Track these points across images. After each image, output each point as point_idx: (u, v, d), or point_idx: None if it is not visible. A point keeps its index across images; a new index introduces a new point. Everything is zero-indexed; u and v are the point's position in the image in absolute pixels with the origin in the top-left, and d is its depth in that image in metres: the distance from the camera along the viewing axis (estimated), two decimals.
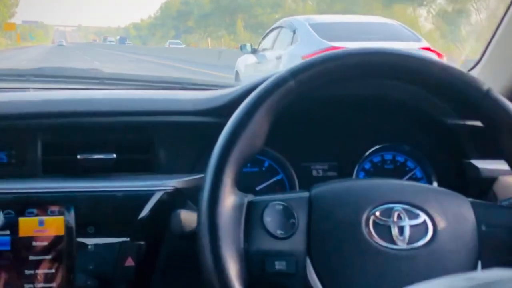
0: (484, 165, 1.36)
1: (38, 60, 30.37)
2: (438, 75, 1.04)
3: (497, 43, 1.58)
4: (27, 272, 1.18)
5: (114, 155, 1.27)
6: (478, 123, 1.11)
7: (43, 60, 31.05)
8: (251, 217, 1.00)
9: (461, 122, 1.39)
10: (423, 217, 1.01)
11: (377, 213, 1.00)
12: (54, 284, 1.18)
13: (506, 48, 1.55)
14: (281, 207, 1.01)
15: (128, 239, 1.23)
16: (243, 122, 0.99)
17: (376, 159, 1.49)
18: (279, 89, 1.01)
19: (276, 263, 0.98)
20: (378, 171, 1.49)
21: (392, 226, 0.99)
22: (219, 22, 76.21)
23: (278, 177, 1.44)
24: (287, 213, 1.01)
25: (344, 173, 1.46)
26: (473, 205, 1.05)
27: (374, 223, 0.99)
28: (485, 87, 1.04)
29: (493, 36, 1.59)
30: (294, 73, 1.02)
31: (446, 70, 1.04)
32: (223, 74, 15.25)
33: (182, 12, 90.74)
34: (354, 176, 1.46)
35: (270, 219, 1.00)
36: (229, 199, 0.98)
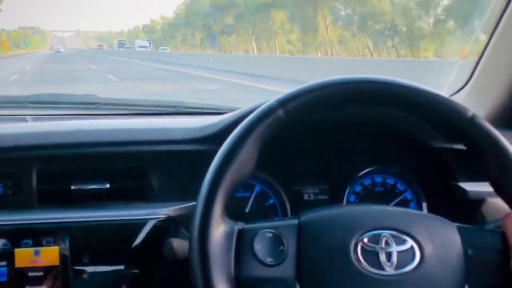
0: (472, 187, 1.38)
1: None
2: (424, 102, 1.06)
3: (484, 65, 1.60)
4: None
5: (108, 185, 1.30)
6: (463, 146, 1.13)
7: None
8: (241, 244, 1.02)
9: (448, 145, 1.41)
10: (410, 242, 1.02)
11: (365, 240, 1.01)
12: None
13: (493, 70, 1.57)
14: (270, 234, 1.03)
15: (122, 267, 1.25)
16: (232, 151, 1.02)
17: (367, 182, 1.51)
18: (268, 119, 1.03)
19: None
20: (369, 193, 1.51)
21: (380, 252, 1.01)
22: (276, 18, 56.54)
23: (270, 201, 1.46)
24: (277, 241, 1.02)
25: (335, 196, 1.48)
26: (459, 229, 1.06)
27: (362, 249, 1.01)
28: (470, 113, 1.05)
29: (480, 58, 1.62)
30: (282, 102, 1.04)
31: (431, 97, 1.06)
32: None
33: (220, 5, 67.94)
34: (345, 199, 1.48)
35: (260, 247, 1.02)
36: (219, 228, 1.00)
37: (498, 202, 1.23)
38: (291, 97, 1.05)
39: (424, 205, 1.48)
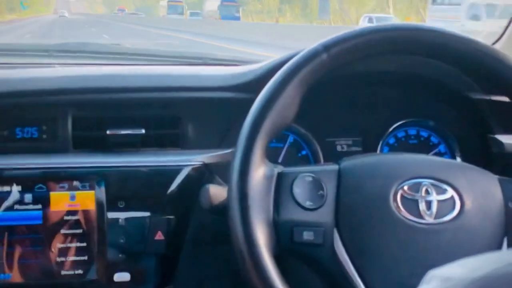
0: (509, 140, 1.37)
1: None
2: (468, 51, 1.04)
3: None
4: (59, 245, 1.20)
5: (143, 131, 1.29)
6: (503, 98, 1.11)
7: None
8: (280, 187, 1.02)
9: (486, 97, 1.39)
10: (450, 192, 1.02)
11: (405, 188, 1.01)
12: (85, 258, 1.21)
13: None
14: (310, 178, 1.03)
15: (157, 213, 1.25)
16: (275, 93, 1.00)
17: (400, 134, 1.50)
18: (312, 62, 1.02)
19: (304, 233, 0.99)
20: (402, 146, 1.49)
21: (419, 201, 1.00)
22: None
23: (303, 152, 1.46)
24: (316, 185, 1.02)
25: (369, 147, 1.47)
26: (500, 181, 1.05)
27: (402, 197, 1.00)
28: None
29: None
30: (327, 47, 1.03)
31: (475, 46, 1.04)
32: None
33: None
34: (378, 151, 1.47)
35: (299, 190, 1.01)
36: (259, 170, 0.99)
37: None
38: (336, 42, 1.03)
39: (458, 159, 1.47)
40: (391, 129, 1.48)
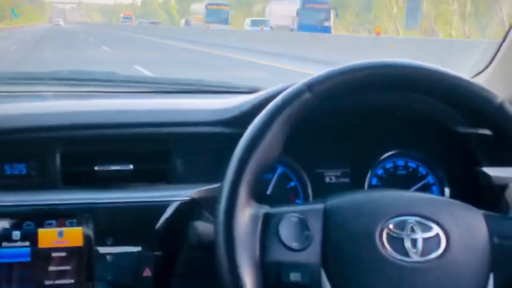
0: (496, 172, 1.37)
1: None
2: (453, 87, 1.05)
3: (508, 47, 1.58)
4: (46, 282, 1.20)
5: (131, 166, 1.30)
6: (488, 132, 1.12)
7: None
8: (266, 229, 1.02)
9: (472, 130, 1.40)
10: (436, 229, 1.02)
11: (391, 226, 1.01)
12: None
13: None
14: (296, 219, 1.03)
15: (145, 249, 1.25)
16: (259, 134, 1.01)
17: (389, 165, 1.50)
18: (295, 102, 1.03)
19: (291, 274, 0.99)
20: (391, 177, 1.50)
21: (405, 239, 1.00)
22: None
23: (292, 184, 1.46)
24: (302, 225, 1.02)
25: (357, 179, 1.48)
26: (485, 216, 1.06)
27: (388, 235, 1.01)
28: (499, 100, 1.05)
29: (504, 40, 1.59)
30: (310, 86, 1.04)
31: (460, 82, 1.05)
32: None
33: None
34: (366, 182, 1.47)
35: (285, 231, 1.02)
36: (245, 211, 1.00)
37: None
38: (318, 81, 1.04)
39: (447, 190, 1.47)
40: (379, 160, 1.49)
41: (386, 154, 1.49)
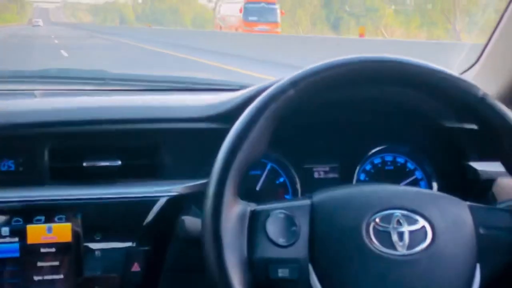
0: (483, 167, 1.38)
1: None
2: (435, 80, 1.06)
3: (495, 43, 1.59)
4: (35, 278, 1.21)
5: (119, 162, 1.30)
6: (475, 126, 1.13)
7: None
8: (254, 226, 1.03)
9: (460, 125, 1.41)
10: (421, 222, 1.03)
11: (377, 219, 1.02)
12: None
13: (504, 48, 1.56)
14: (283, 215, 1.04)
15: (134, 244, 1.25)
16: (244, 132, 1.02)
17: (377, 160, 1.51)
18: (279, 98, 1.03)
19: (279, 270, 1.00)
20: (379, 172, 1.51)
21: (392, 232, 1.01)
22: None
23: (281, 180, 1.47)
24: (289, 221, 1.03)
25: (346, 174, 1.49)
26: (470, 208, 1.07)
27: (374, 229, 1.01)
28: (480, 92, 1.06)
29: (491, 36, 1.61)
30: (294, 82, 1.04)
31: (442, 75, 1.06)
32: None
33: None
34: (355, 177, 1.48)
35: (272, 228, 1.02)
36: (232, 209, 1.01)
37: (509, 182, 1.24)
38: (302, 77, 1.05)
39: (435, 185, 1.48)
40: (367, 155, 1.49)
41: (375, 149, 1.50)
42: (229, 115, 1.25)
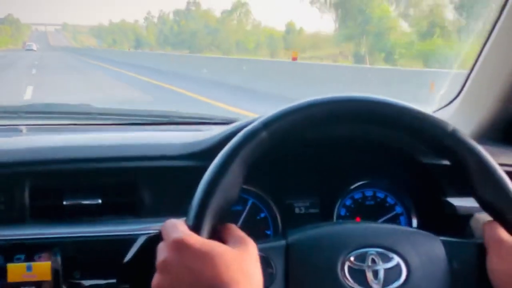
0: (461, 202, 1.39)
1: None
2: (406, 119, 1.06)
3: (474, 79, 1.62)
4: None
5: (99, 200, 1.31)
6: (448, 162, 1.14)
7: None
8: None
9: (436, 161, 1.43)
10: (396, 259, 1.04)
11: (352, 258, 1.03)
12: None
13: (484, 83, 1.58)
14: (259, 257, 1.04)
15: (114, 281, 1.26)
16: (217, 177, 1.00)
17: (357, 195, 1.52)
18: (252, 141, 1.02)
19: None
20: (359, 207, 1.52)
21: (367, 270, 1.02)
22: None
23: (262, 215, 1.48)
24: (265, 263, 1.02)
25: (326, 209, 1.49)
26: (444, 243, 1.08)
27: (349, 268, 1.02)
28: (450, 128, 1.05)
29: (470, 72, 1.63)
30: (266, 124, 1.03)
31: (412, 114, 1.06)
32: None
33: None
34: (335, 212, 1.49)
35: None
36: None
37: (486, 217, 1.25)
38: (274, 119, 1.04)
39: (414, 220, 1.49)
40: (348, 190, 1.51)
41: (355, 185, 1.51)
42: (208, 153, 1.27)
